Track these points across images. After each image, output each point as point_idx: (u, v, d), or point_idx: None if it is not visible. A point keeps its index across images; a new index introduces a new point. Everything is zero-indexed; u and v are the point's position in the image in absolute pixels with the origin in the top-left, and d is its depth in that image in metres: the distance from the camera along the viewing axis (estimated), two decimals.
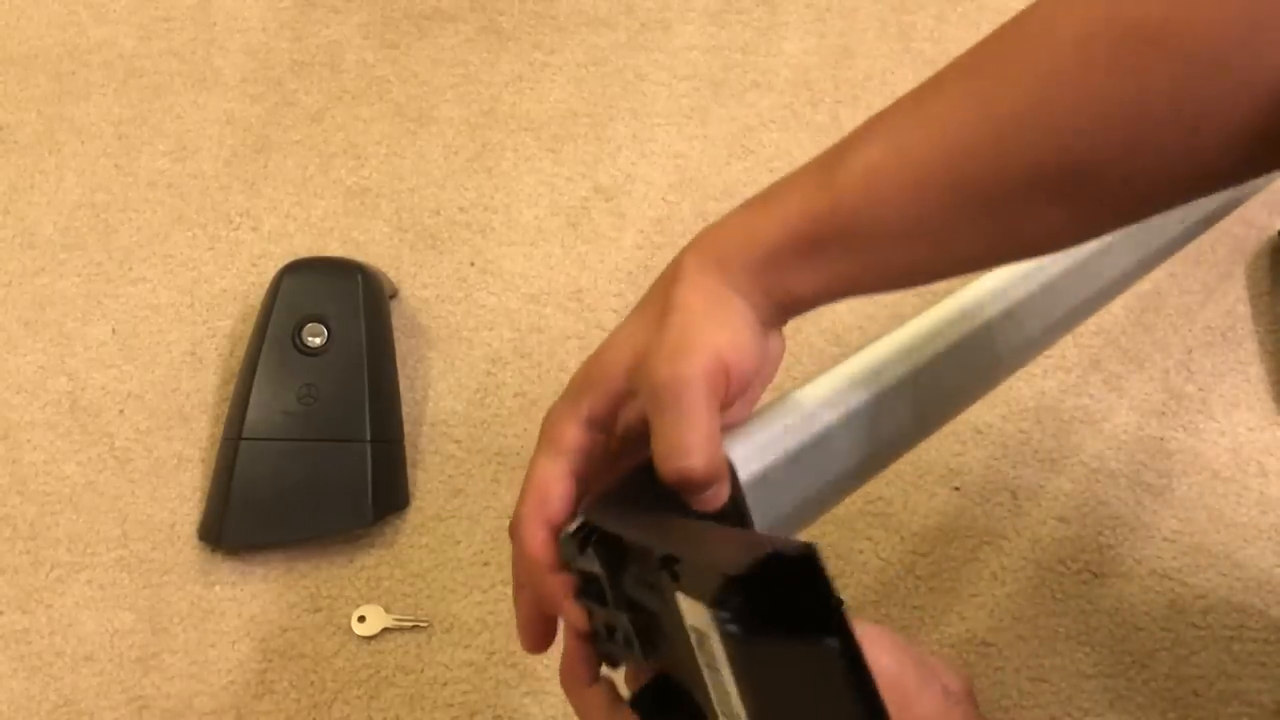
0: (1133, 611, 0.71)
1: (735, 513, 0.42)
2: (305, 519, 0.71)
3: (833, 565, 0.71)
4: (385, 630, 0.71)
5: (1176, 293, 0.82)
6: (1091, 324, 0.80)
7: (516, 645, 0.70)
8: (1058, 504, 0.75)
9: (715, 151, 0.89)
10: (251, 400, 0.72)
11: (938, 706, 0.35)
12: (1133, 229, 0.55)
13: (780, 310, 0.41)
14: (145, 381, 0.79)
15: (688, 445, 0.37)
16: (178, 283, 0.83)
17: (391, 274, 0.83)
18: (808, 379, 0.47)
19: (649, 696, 0.38)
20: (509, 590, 0.72)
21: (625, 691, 0.41)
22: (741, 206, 0.41)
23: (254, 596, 0.72)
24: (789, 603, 0.30)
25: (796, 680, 0.31)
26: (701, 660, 0.33)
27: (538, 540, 0.40)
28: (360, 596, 0.72)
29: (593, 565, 0.37)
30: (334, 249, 0.85)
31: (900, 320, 0.50)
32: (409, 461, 0.76)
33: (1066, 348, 0.80)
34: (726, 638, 0.31)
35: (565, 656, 0.41)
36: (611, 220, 0.86)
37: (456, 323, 0.82)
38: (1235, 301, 0.83)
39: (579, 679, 0.41)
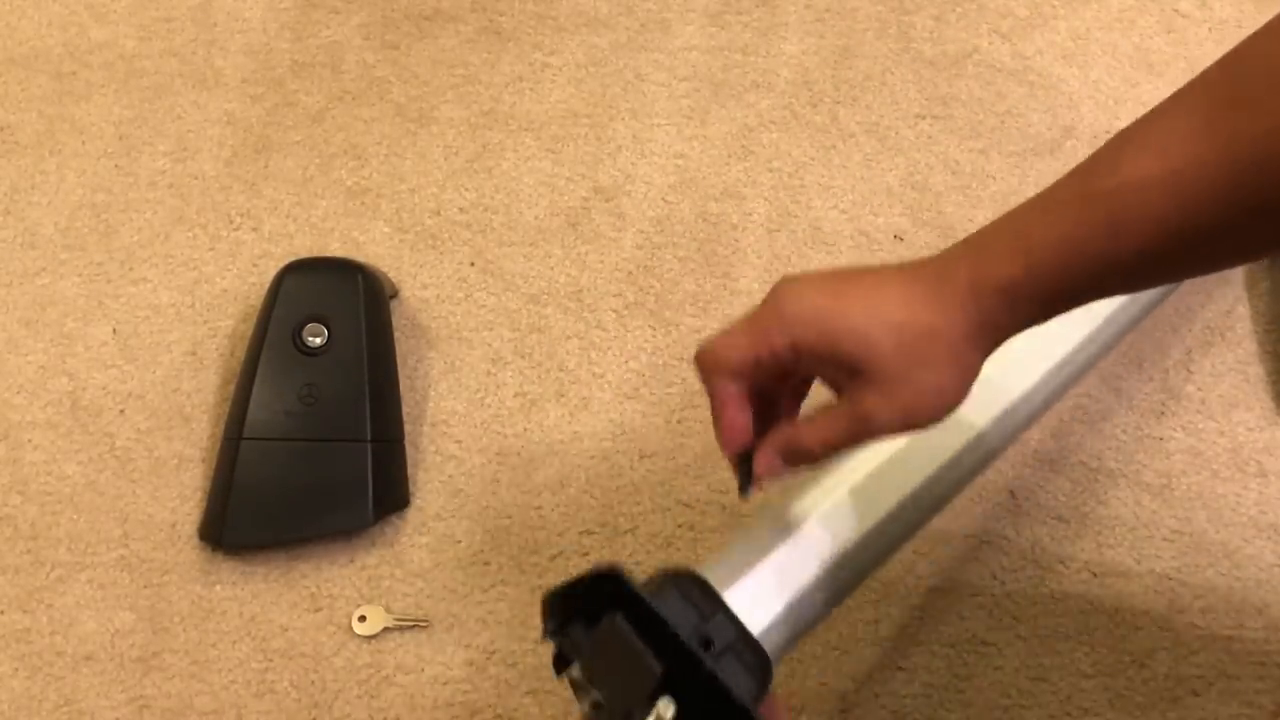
0: (1132, 611, 0.71)
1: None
2: (306, 519, 0.72)
3: None
4: (385, 630, 0.71)
5: (1175, 293, 0.82)
6: None
7: (517, 645, 0.70)
8: (1057, 504, 0.75)
9: (715, 151, 0.89)
10: (252, 400, 0.73)
11: None
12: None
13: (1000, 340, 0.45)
14: (146, 381, 0.80)
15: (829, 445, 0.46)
16: (178, 283, 0.84)
17: (392, 274, 0.83)
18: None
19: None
20: (509, 590, 0.72)
21: None
22: (1002, 226, 0.43)
23: (254, 596, 0.72)
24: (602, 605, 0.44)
25: (616, 657, 0.43)
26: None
27: (724, 385, 0.47)
28: (360, 596, 0.72)
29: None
30: (334, 249, 0.85)
31: None
32: (409, 461, 0.76)
33: None
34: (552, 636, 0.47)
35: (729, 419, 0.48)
36: (611, 220, 0.86)
37: (457, 323, 0.82)
38: (1234, 302, 0.83)
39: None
